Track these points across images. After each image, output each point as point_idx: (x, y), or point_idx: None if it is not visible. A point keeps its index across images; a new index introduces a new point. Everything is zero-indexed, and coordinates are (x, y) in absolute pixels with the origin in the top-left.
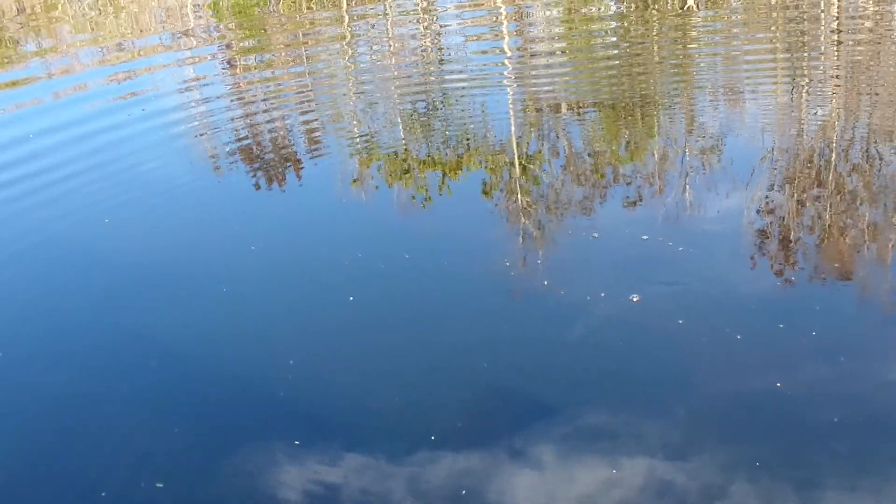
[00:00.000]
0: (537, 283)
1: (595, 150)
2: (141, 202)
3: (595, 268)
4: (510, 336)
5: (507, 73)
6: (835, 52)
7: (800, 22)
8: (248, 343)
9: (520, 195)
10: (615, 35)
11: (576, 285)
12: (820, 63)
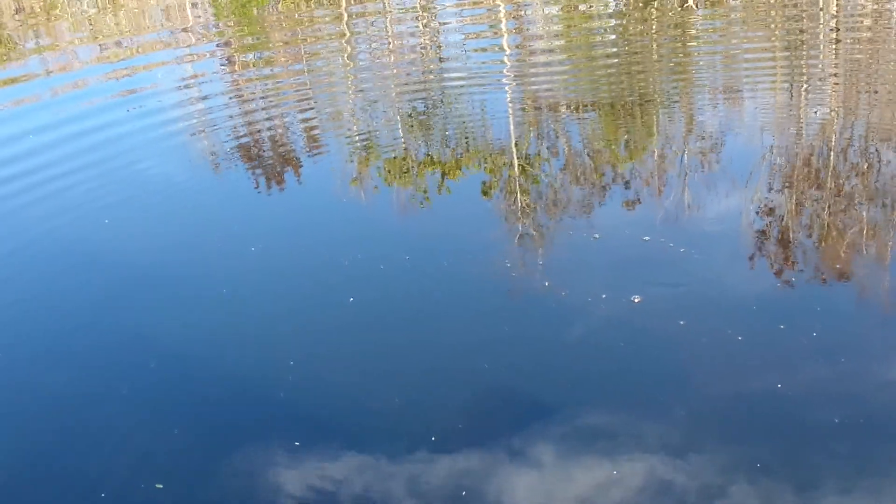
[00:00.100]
0: (538, 284)
1: (595, 151)
2: (140, 201)
3: (596, 268)
4: (511, 336)
5: (506, 71)
6: (833, 51)
7: (799, 20)
8: (248, 343)
9: (520, 196)
10: (614, 33)
11: (576, 286)
12: (819, 61)
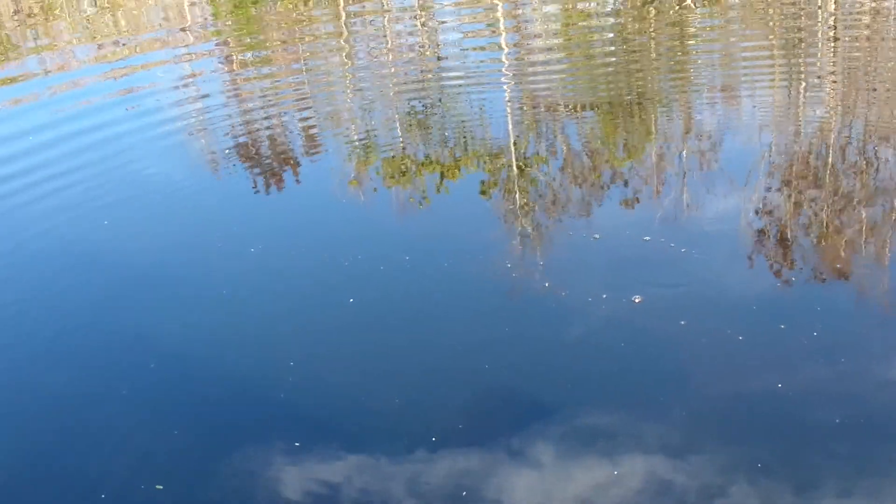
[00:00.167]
0: (538, 284)
1: (594, 150)
2: (139, 200)
3: (596, 268)
4: (511, 337)
5: (505, 69)
6: (832, 49)
7: (797, 18)
8: (248, 343)
9: (519, 196)
10: (613, 31)
11: (577, 286)
12: (817, 59)
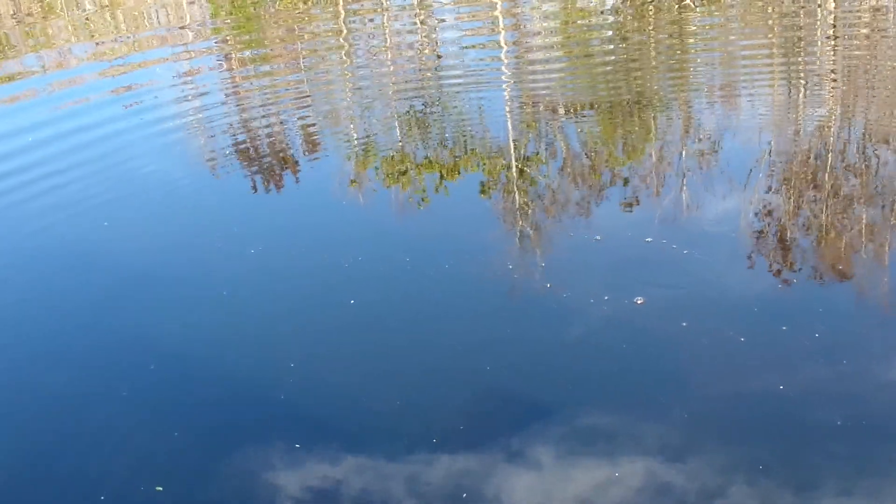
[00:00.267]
0: (539, 285)
1: (594, 151)
2: (138, 199)
3: (597, 269)
4: (511, 337)
5: (504, 69)
6: (832, 49)
7: (797, 17)
8: (248, 344)
9: (519, 196)
10: (612, 29)
11: (578, 287)
12: (817, 59)
